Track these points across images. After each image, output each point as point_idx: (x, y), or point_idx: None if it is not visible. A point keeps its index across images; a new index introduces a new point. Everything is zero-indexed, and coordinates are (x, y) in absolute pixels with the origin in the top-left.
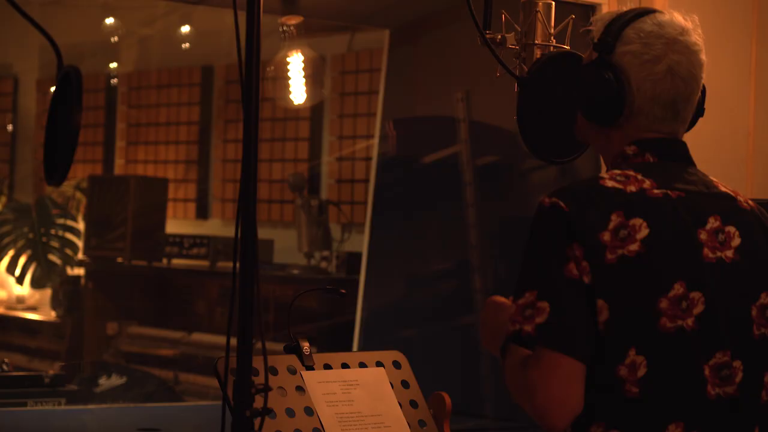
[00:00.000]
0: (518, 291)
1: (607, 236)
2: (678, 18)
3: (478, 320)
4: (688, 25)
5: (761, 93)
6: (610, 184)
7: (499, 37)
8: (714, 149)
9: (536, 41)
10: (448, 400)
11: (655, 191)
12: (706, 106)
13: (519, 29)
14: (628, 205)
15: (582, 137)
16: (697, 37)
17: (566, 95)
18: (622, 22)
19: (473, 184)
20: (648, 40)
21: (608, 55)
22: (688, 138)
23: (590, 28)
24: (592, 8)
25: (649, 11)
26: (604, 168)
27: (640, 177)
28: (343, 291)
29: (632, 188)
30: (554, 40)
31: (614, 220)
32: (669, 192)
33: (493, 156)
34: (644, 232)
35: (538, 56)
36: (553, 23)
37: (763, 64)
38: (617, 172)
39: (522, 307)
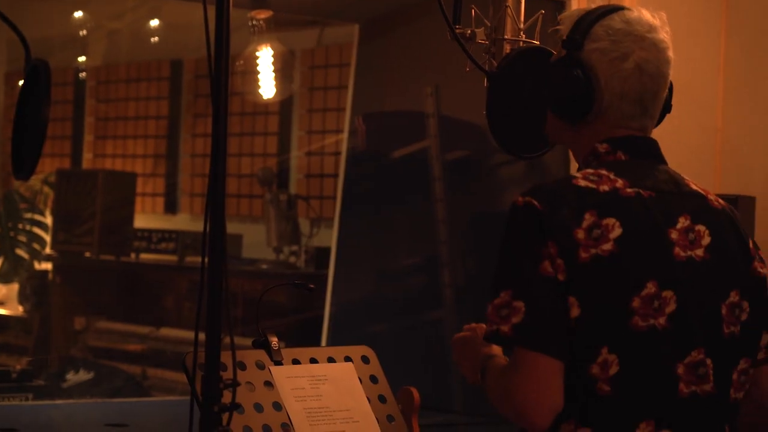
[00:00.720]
0: (493, 291)
1: (581, 234)
2: (646, 15)
3: (447, 315)
4: (656, 22)
5: (730, 89)
6: (583, 183)
7: (469, 32)
8: (683, 145)
9: (506, 36)
10: (416, 395)
11: (628, 190)
12: (675, 101)
13: (488, 24)
14: (601, 204)
15: (552, 135)
16: (664, 35)
17: (535, 91)
18: (590, 19)
19: (442, 179)
20: (616, 38)
21: (577, 53)
22: (657, 133)
23: (558, 27)
24: (562, 4)
25: (617, 8)
26: (574, 165)
27: (612, 176)
28: (312, 286)
29: (605, 187)
30: (524, 36)
31: (588, 219)
32: (641, 191)
33: (462, 151)
34: (617, 231)
35: (508, 51)
36: (522, 18)
37: (732, 60)
38: (590, 171)
39: (498, 307)
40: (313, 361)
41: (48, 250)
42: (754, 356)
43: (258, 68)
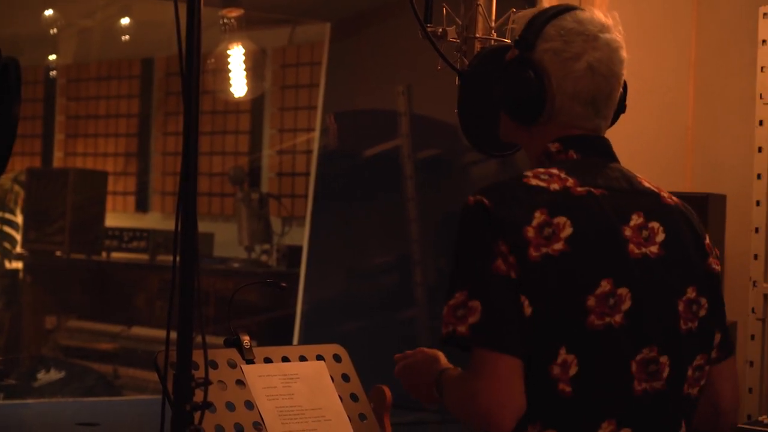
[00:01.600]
0: (449, 292)
1: (531, 232)
2: (598, 15)
3: (419, 313)
4: (609, 21)
5: (700, 87)
6: (533, 182)
7: (440, 30)
8: (654, 143)
9: (477, 35)
10: (388, 393)
11: (579, 189)
12: (646, 100)
13: (460, 23)
14: (552, 203)
15: (506, 136)
16: (617, 34)
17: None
18: (542, 19)
19: (414, 177)
20: (568, 38)
21: (529, 53)
22: (629, 132)
23: (513, 26)
24: (533, 2)
25: (569, 8)
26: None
27: (563, 175)
28: (284, 284)
29: (556, 186)
30: (495, 34)
31: (538, 217)
32: (592, 189)
33: (434, 149)
34: (568, 230)
35: (479, 50)
36: (494, 17)
37: (703, 58)
38: (541, 170)
39: (453, 308)
40: (285, 359)
41: (18, 249)
42: (710, 353)
43: (229, 66)
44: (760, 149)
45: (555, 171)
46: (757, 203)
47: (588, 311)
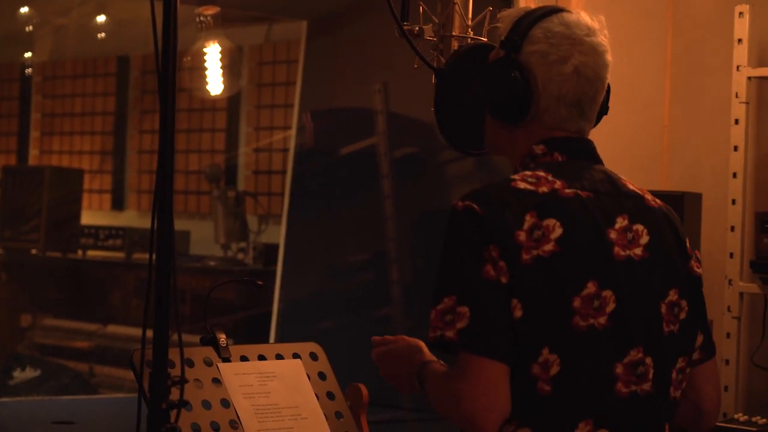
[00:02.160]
0: (436, 296)
1: (522, 236)
2: (585, 18)
3: (395, 311)
4: (595, 25)
5: (677, 86)
6: (522, 185)
7: (417, 28)
8: (630, 142)
9: (454, 33)
10: (365, 391)
11: (567, 191)
12: (622, 99)
13: (437, 21)
14: (541, 206)
15: (489, 136)
16: (603, 38)
17: (479, 89)
18: (529, 20)
19: (390, 175)
20: (555, 41)
21: (515, 54)
22: (606, 131)
23: (498, 24)
24: (509, 1)
25: (556, 10)
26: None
27: (550, 178)
28: (260, 282)
29: (544, 189)
30: (471, 32)
31: (528, 220)
32: (579, 192)
33: (410, 148)
34: (558, 232)
35: (456, 48)
36: (470, 15)
37: (679, 57)
38: (528, 173)
39: (441, 313)
40: (262, 358)
41: None
42: (690, 355)
43: (205, 64)
44: (735, 148)
45: (542, 173)
46: (733, 202)
47: (574, 312)
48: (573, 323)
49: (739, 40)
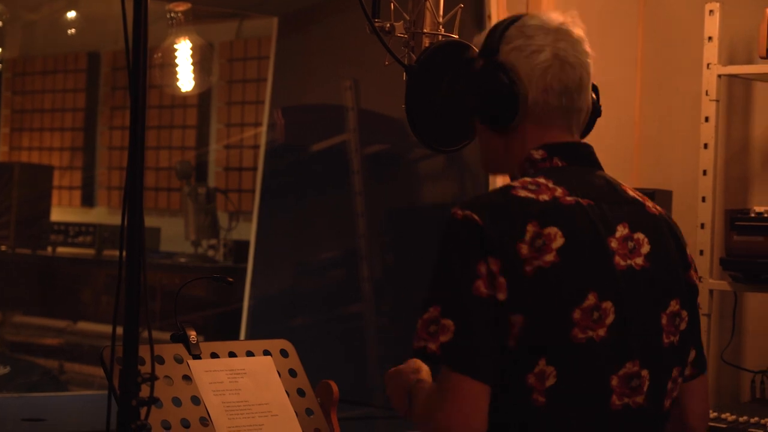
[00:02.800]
0: (424, 305)
1: (524, 249)
2: (557, 14)
3: (365, 308)
4: (568, 19)
5: (647, 83)
6: (522, 193)
7: (388, 25)
8: (602, 139)
9: (425, 30)
10: (335, 388)
11: (568, 199)
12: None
13: (408, 18)
14: (542, 214)
15: (485, 150)
16: (579, 30)
17: (454, 85)
18: (502, 26)
19: (361, 172)
20: (530, 33)
21: (494, 57)
22: None
23: (473, 48)
24: None
25: (527, 14)
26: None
27: (551, 185)
28: (231, 279)
29: (545, 197)
30: (443, 29)
31: (530, 230)
32: (580, 200)
33: (381, 145)
34: (560, 241)
35: (427, 45)
36: (441, 12)
37: (649, 55)
38: (528, 180)
39: (426, 323)
40: (232, 354)
41: None
42: (684, 365)
43: (176, 61)
44: (705, 146)
45: (542, 180)
46: (703, 199)
47: (573, 324)
48: (572, 335)
49: (710, 38)
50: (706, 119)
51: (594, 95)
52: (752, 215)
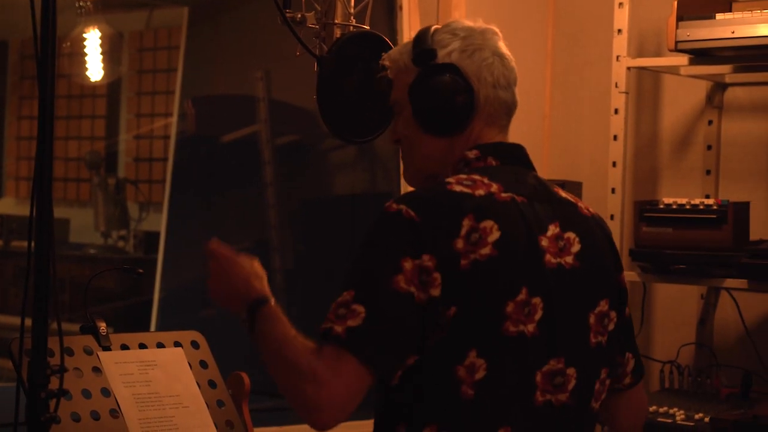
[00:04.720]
0: (340, 288)
1: (460, 244)
2: (470, 21)
3: (277, 300)
4: (480, 23)
5: (557, 76)
6: (458, 188)
7: (299, 16)
8: (511, 131)
9: (336, 21)
10: (246, 380)
11: (503, 195)
12: None
13: (319, 9)
14: (478, 208)
15: (423, 155)
16: (496, 29)
17: (366, 75)
18: (429, 34)
19: (272, 163)
20: (464, 34)
21: (433, 62)
22: None
23: (386, 65)
24: None
25: (447, 23)
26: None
27: (486, 181)
28: (141, 270)
29: (481, 192)
30: (354, 20)
31: (466, 225)
32: (515, 196)
33: (292, 135)
34: (495, 234)
35: (338, 36)
36: (353, 3)
37: (559, 47)
38: (463, 176)
39: (338, 305)
40: (142, 346)
41: None
42: (612, 366)
43: (85, 50)
44: (615, 137)
45: (477, 177)
46: (613, 191)
47: (506, 317)
48: (504, 328)
49: (619, 31)
50: (616, 111)
51: None
52: (661, 206)
